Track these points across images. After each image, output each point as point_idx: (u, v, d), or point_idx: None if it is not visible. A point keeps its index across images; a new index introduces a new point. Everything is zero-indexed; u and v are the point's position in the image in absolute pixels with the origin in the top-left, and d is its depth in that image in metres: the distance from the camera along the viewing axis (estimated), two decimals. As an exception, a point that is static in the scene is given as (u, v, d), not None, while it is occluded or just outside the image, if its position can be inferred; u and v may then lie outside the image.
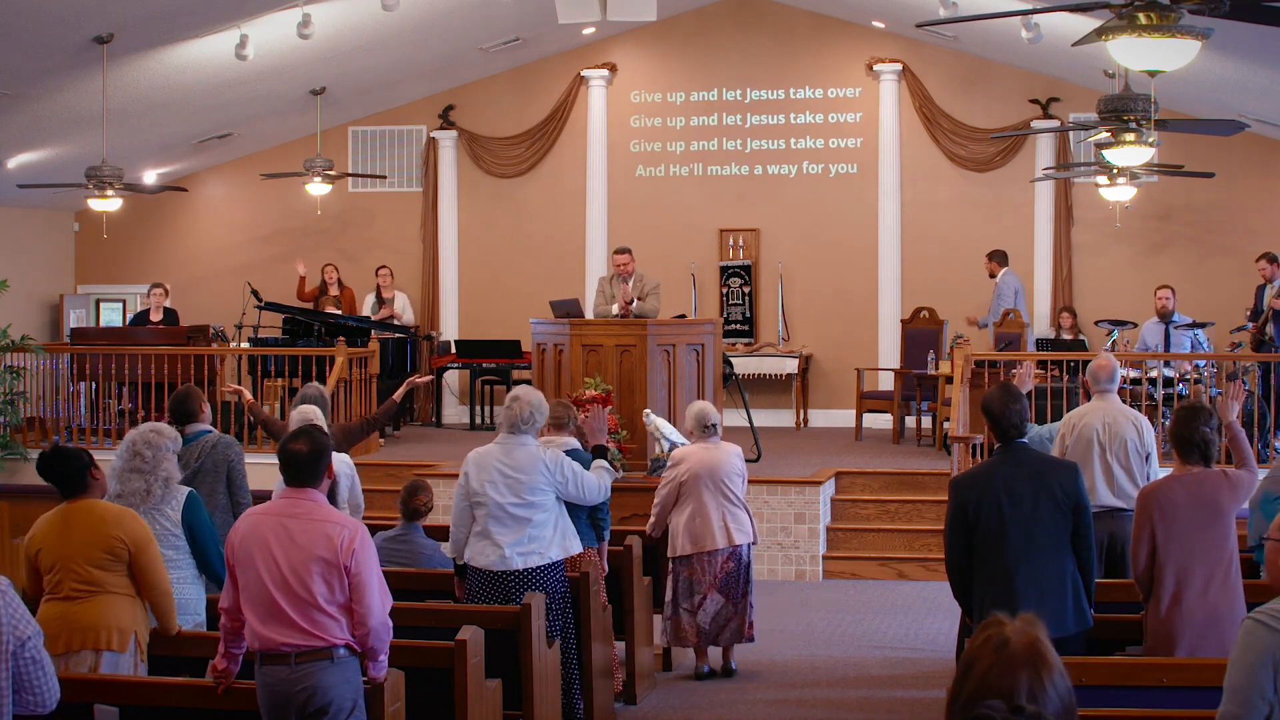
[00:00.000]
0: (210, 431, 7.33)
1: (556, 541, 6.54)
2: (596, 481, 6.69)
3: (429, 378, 11.15)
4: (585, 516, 7.25)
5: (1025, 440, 5.89)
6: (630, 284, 11.96)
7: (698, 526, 8.14)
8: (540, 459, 6.49)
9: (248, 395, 9.08)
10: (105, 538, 5.45)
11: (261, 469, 10.57)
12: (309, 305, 15.47)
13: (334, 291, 15.60)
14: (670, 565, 8.27)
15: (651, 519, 8.44)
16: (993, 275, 14.39)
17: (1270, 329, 12.69)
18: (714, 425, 8.29)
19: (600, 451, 6.99)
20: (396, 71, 15.10)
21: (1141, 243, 15.12)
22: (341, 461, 7.26)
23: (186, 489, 6.17)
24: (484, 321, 16.00)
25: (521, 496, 6.44)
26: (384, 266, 15.84)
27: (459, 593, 6.71)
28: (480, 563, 6.49)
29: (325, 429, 7.59)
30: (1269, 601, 3.75)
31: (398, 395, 8.79)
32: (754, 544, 8.32)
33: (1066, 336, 14.50)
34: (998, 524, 5.69)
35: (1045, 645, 2.59)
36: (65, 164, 14.13)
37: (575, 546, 6.69)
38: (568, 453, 6.93)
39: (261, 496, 5.34)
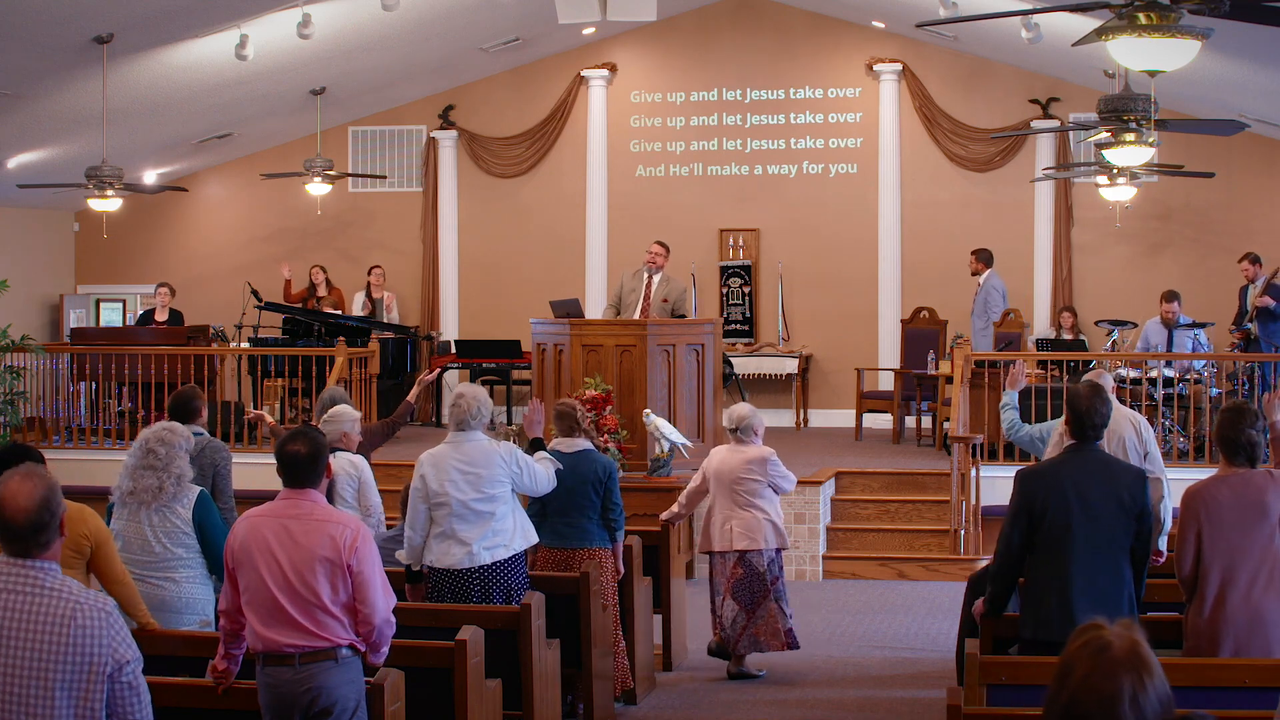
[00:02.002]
0: (202, 434, 7.32)
1: (519, 533, 6.57)
2: (545, 472, 6.78)
3: (436, 373, 11.15)
4: (597, 518, 7.27)
5: (1100, 443, 5.84)
6: (657, 283, 11.95)
7: (708, 527, 8.24)
8: (496, 452, 6.51)
9: (269, 419, 9.05)
10: (72, 535, 5.42)
11: (258, 470, 10.58)
12: (299, 306, 15.47)
13: (322, 292, 15.59)
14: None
15: (675, 507, 8.62)
16: (975, 274, 14.04)
17: (1255, 328, 12.74)
18: (736, 429, 8.25)
19: (537, 444, 7.06)
20: (396, 71, 15.11)
21: (1141, 243, 15.13)
22: (347, 461, 7.26)
23: (198, 488, 6.18)
24: (484, 321, 16.00)
25: (482, 491, 6.44)
26: (377, 266, 15.88)
27: (412, 597, 6.60)
28: (445, 563, 6.45)
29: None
30: None
31: (412, 395, 8.77)
32: (775, 550, 8.11)
33: (1067, 336, 14.50)
34: (1063, 522, 5.64)
35: (1146, 649, 2.59)
36: (65, 164, 14.13)
37: (533, 536, 6.73)
38: (580, 452, 7.12)
39: (265, 496, 5.32)
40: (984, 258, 14.05)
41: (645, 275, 12.03)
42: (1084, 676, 2.57)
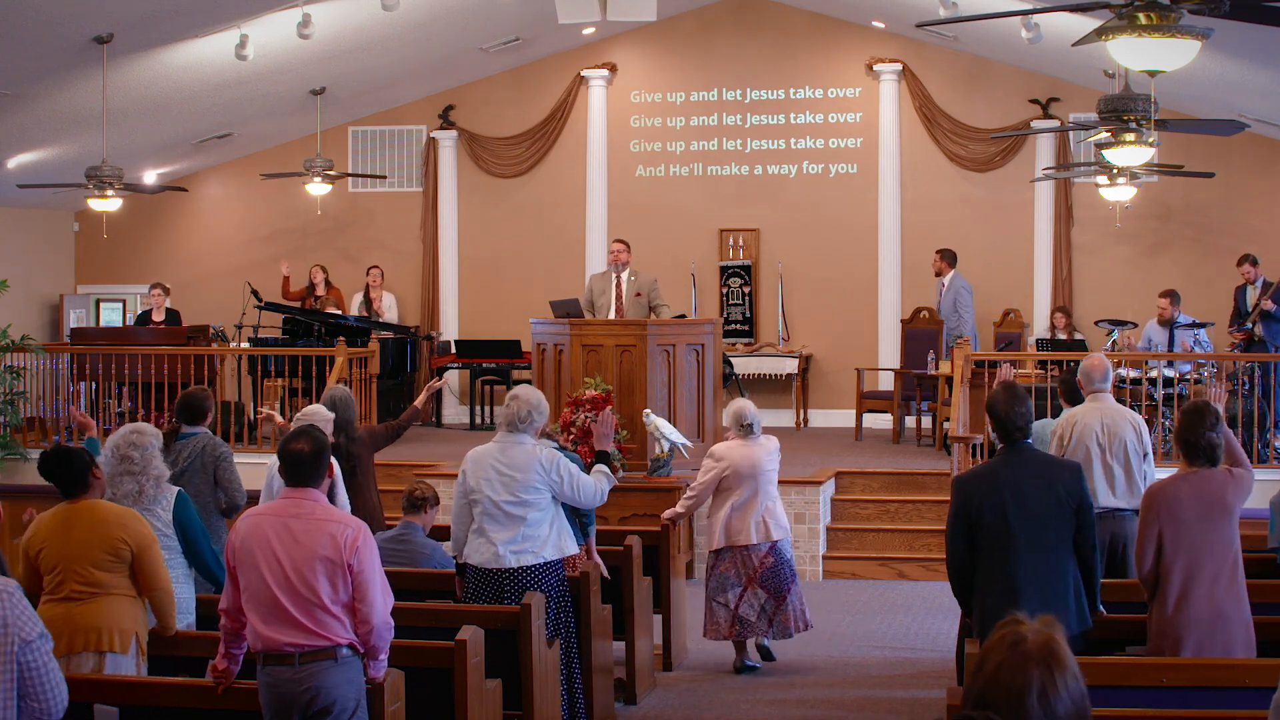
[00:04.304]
0: (201, 433, 7.36)
1: (552, 541, 6.52)
2: (594, 485, 6.67)
3: (443, 381, 11.14)
4: (569, 515, 7.27)
5: (1030, 441, 5.89)
6: (625, 280, 11.99)
7: (735, 521, 8.25)
8: (536, 458, 6.49)
9: (279, 419, 9.05)
10: (109, 539, 5.44)
11: (257, 469, 10.56)
12: (298, 305, 15.45)
13: (320, 291, 15.56)
14: (709, 558, 8.40)
15: (680, 507, 8.63)
16: (939, 274, 13.96)
17: (1259, 329, 12.74)
18: (751, 424, 8.35)
19: (603, 457, 6.97)
20: (396, 71, 15.10)
21: (1141, 243, 15.13)
22: None
23: (176, 488, 6.18)
24: (484, 321, 16.00)
25: (516, 494, 6.44)
26: (375, 266, 15.87)
27: (459, 591, 6.71)
28: (476, 560, 6.50)
29: (333, 430, 7.58)
30: None
31: (419, 401, 8.82)
32: (789, 538, 8.47)
33: (1061, 336, 14.49)
34: (1001, 523, 5.70)
35: (1060, 645, 2.59)
36: (65, 164, 14.13)
37: (571, 547, 6.70)
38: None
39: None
40: (949, 258, 13.96)
41: (613, 275, 12.08)
42: (995, 668, 2.57)
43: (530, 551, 6.45)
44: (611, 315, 11.90)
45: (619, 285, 12.05)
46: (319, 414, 7.45)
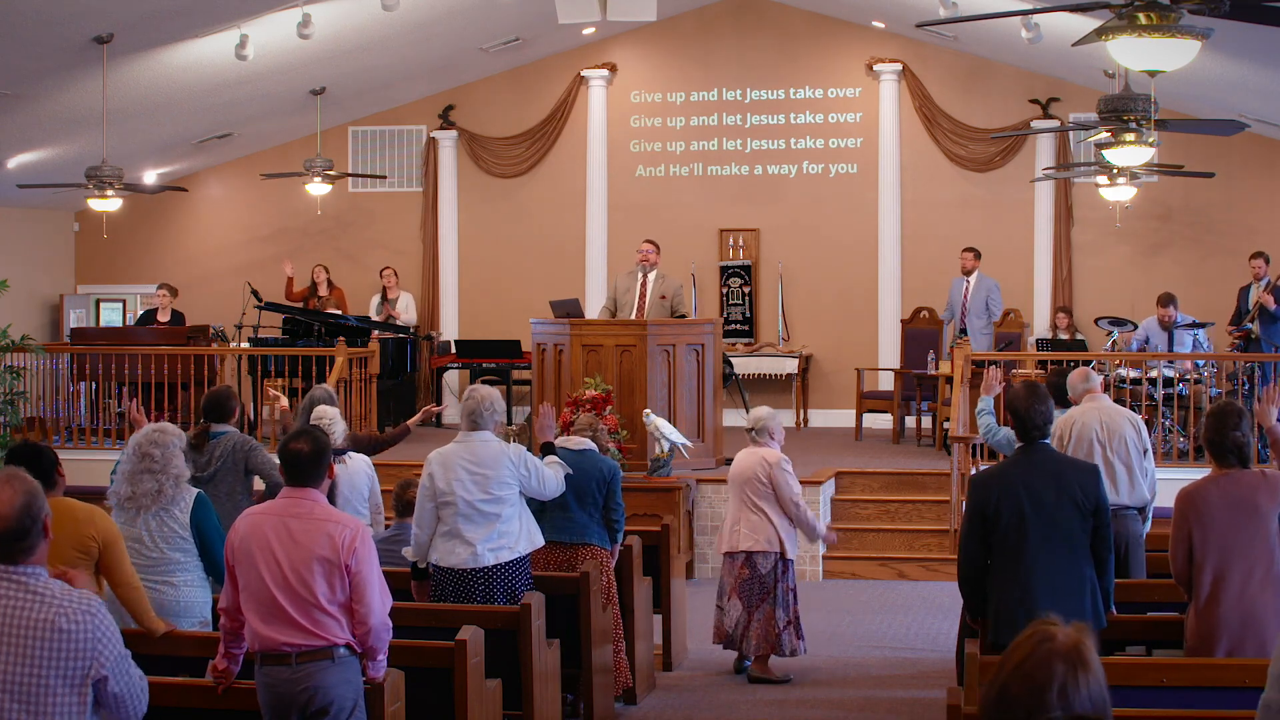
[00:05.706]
0: (231, 431, 7.34)
1: (524, 535, 6.55)
2: (555, 476, 6.76)
3: (444, 407, 11.10)
4: (598, 515, 7.30)
5: (1047, 441, 5.88)
6: (652, 281, 11.96)
7: (723, 527, 8.34)
8: (504, 453, 6.51)
9: (284, 402, 9.06)
10: (79, 536, 5.40)
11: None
12: (299, 305, 15.45)
13: (323, 292, 15.55)
14: None
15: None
16: (968, 271, 13.86)
17: (1256, 328, 12.73)
18: (754, 430, 8.31)
19: (548, 448, 7.05)
20: (396, 71, 15.10)
21: (1141, 243, 15.13)
22: (362, 461, 7.56)
23: (195, 490, 6.13)
24: (484, 321, 16.00)
25: (489, 492, 6.44)
26: (388, 267, 15.86)
27: (417, 595, 6.64)
28: (449, 562, 6.44)
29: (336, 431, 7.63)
30: None
31: (412, 423, 8.79)
32: (782, 555, 8.14)
33: (1063, 336, 14.49)
34: (1018, 523, 5.68)
35: (1088, 648, 2.61)
36: (65, 164, 14.13)
37: (539, 539, 6.71)
38: (585, 451, 7.19)
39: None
40: (979, 256, 14.01)
41: (639, 275, 12.05)
42: (1019, 662, 2.60)
43: (506, 548, 6.47)
44: (633, 315, 11.88)
45: (644, 285, 12.02)
46: (339, 415, 7.52)
